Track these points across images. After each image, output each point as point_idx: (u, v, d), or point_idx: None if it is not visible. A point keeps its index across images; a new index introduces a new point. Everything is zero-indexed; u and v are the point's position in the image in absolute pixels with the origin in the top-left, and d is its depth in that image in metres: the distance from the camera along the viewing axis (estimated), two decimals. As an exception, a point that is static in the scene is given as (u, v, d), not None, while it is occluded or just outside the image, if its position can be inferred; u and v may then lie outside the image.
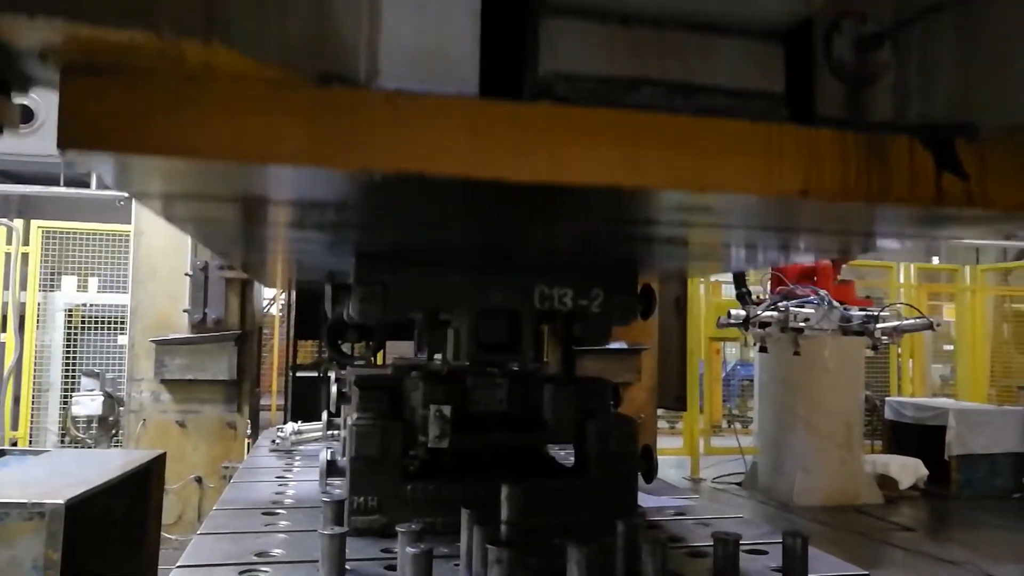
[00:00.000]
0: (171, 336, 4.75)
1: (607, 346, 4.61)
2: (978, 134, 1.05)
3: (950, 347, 13.35)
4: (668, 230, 1.47)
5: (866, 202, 1.03)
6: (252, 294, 5.07)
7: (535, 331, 1.88)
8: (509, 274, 1.79)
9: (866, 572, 1.63)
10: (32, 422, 8.15)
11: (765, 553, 1.71)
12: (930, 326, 7.52)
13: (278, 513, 1.99)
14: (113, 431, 7.80)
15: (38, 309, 8.14)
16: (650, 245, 1.74)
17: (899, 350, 11.91)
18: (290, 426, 3.04)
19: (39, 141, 10.97)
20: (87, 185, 10.45)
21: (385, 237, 1.62)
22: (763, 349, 8.02)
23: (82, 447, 7.53)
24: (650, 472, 2.00)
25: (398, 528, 1.41)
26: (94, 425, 7.78)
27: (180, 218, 1.52)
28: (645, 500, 2.08)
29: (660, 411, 6.62)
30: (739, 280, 6.63)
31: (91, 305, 8.62)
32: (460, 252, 1.77)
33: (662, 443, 8.28)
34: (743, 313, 7.38)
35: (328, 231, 1.52)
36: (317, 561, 1.42)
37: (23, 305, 8.03)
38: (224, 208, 1.29)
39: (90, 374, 8.04)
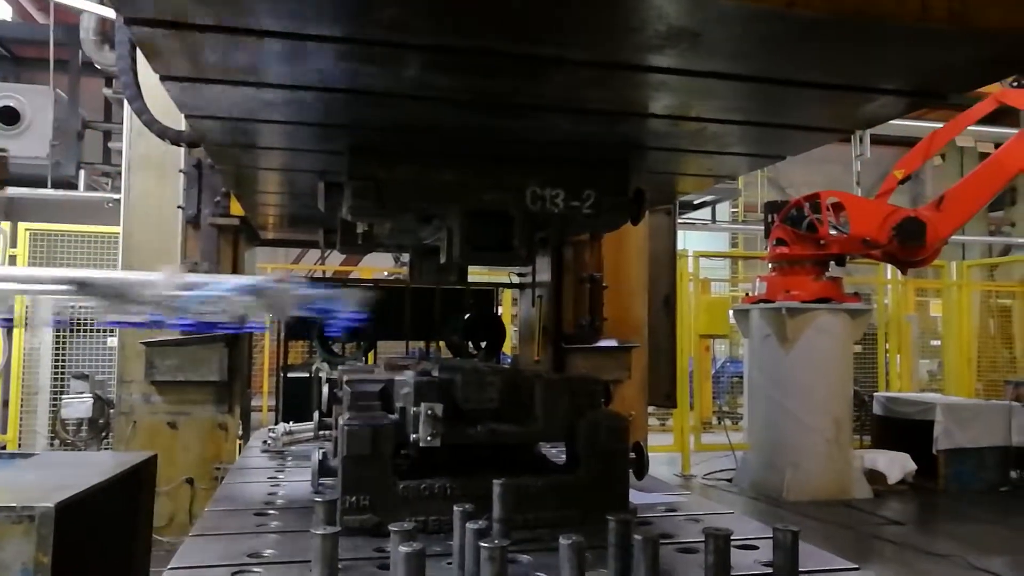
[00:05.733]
0: (161, 338, 4.73)
1: (597, 344, 4.62)
2: None
3: (937, 342, 13.45)
4: (654, 88, 1.44)
5: (853, 15, 1.02)
6: (242, 295, 5.05)
7: (527, 232, 1.87)
8: (502, 173, 1.80)
9: (856, 566, 1.64)
10: (21, 425, 8.10)
11: (756, 548, 1.72)
12: None
13: (270, 514, 1.99)
14: (103, 433, 7.75)
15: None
16: (636, 124, 1.69)
17: (887, 345, 11.99)
18: (281, 426, 3.03)
19: (25, 143, 10.88)
20: (74, 187, 10.39)
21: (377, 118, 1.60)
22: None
23: (72, 450, 7.49)
24: (641, 469, 2.01)
25: (390, 527, 1.41)
26: (84, 428, 7.74)
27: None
28: (636, 496, 2.09)
29: (651, 408, 6.64)
30: None
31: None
32: (453, 151, 1.77)
33: (653, 440, 8.29)
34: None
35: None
36: (310, 561, 1.42)
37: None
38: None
39: (79, 376, 7.99)
